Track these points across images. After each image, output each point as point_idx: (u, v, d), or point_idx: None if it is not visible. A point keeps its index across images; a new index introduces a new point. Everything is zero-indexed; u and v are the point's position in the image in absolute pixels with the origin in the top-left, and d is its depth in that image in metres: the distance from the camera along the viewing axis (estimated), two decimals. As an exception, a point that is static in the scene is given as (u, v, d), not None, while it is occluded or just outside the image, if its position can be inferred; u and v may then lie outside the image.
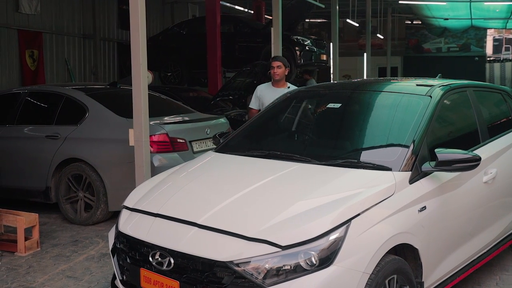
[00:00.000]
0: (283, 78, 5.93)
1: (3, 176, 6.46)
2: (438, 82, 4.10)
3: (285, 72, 5.90)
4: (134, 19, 5.11)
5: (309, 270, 2.64)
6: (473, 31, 26.92)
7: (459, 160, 3.26)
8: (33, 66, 13.36)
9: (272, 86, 5.99)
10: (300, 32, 22.51)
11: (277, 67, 5.87)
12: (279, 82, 5.92)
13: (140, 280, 3.07)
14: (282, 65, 5.88)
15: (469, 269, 3.84)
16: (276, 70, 5.87)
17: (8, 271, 4.66)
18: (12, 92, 7.23)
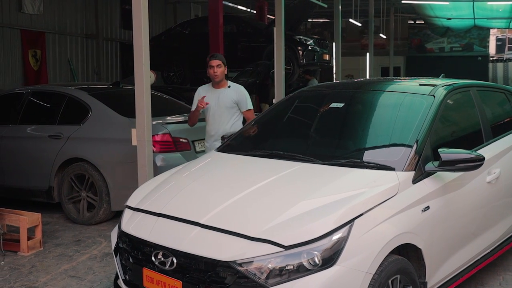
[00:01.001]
0: (223, 78, 5.38)
1: (6, 175, 6.47)
2: (441, 82, 4.09)
3: (224, 72, 5.38)
4: (137, 19, 5.11)
5: (312, 270, 2.64)
6: (476, 30, 26.86)
7: (462, 160, 3.25)
8: (36, 66, 13.38)
9: (212, 87, 5.43)
10: (302, 32, 22.52)
11: (216, 66, 5.29)
12: (220, 83, 5.37)
13: (143, 279, 3.06)
14: (222, 64, 5.33)
15: (472, 269, 3.83)
16: (216, 70, 5.29)
17: (11, 271, 4.67)
18: (15, 92, 7.25)
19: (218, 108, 5.32)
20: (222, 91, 5.34)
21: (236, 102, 5.35)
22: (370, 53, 20.06)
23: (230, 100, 5.32)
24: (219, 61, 5.31)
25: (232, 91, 5.38)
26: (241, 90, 5.42)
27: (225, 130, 5.23)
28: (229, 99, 5.32)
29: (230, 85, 5.42)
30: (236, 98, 5.34)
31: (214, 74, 5.29)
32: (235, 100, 5.34)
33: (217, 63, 5.29)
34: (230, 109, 5.34)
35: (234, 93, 5.36)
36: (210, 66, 5.29)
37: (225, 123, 5.32)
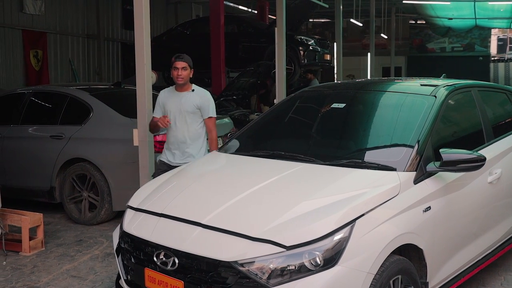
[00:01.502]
0: (187, 81, 4.87)
1: (8, 176, 6.48)
2: (443, 82, 4.09)
3: (190, 75, 4.86)
4: (138, 19, 5.12)
5: (313, 270, 2.64)
6: (477, 30, 26.85)
7: (464, 160, 3.25)
8: (37, 66, 13.40)
9: (176, 90, 4.91)
10: (303, 32, 22.52)
11: (181, 68, 4.76)
12: (183, 86, 4.86)
13: (145, 280, 3.07)
14: (188, 66, 4.81)
15: (473, 269, 3.83)
16: (181, 73, 4.76)
17: (13, 271, 4.68)
18: (17, 92, 7.25)
19: (180, 113, 4.83)
20: (185, 95, 4.85)
21: (199, 108, 4.85)
22: (371, 53, 20.07)
23: (192, 105, 4.82)
24: (185, 63, 4.80)
25: (195, 95, 4.88)
26: (206, 95, 4.93)
27: (185, 137, 4.83)
28: (191, 103, 4.82)
29: (194, 88, 4.92)
30: (199, 103, 4.84)
31: (178, 76, 4.77)
32: (198, 105, 4.84)
33: (182, 65, 4.77)
34: (193, 115, 4.85)
35: (198, 98, 4.86)
36: (175, 68, 4.77)
37: (186, 129, 4.83)
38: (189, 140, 4.84)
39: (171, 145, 4.88)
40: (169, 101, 4.87)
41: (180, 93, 4.87)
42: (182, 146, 4.83)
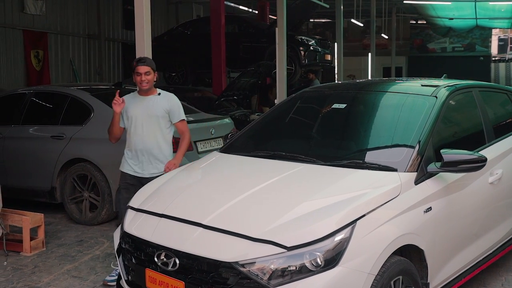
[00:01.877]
0: (152, 86, 4.49)
1: (9, 176, 6.48)
2: (444, 83, 4.09)
3: (154, 79, 4.50)
4: (139, 19, 5.13)
5: (314, 271, 2.64)
6: (478, 30, 26.86)
7: (464, 161, 3.25)
8: (38, 66, 13.41)
9: (139, 95, 4.53)
10: (304, 32, 22.51)
11: (144, 73, 4.37)
12: (148, 91, 4.48)
13: (146, 280, 3.07)
14: (151, 70, 4.43)
15: (474, 270, 3.83)
16: (144, 78, 4.38)
17: (13, 271, 4.68)
18: (18, 92, 7.25)
19: (147, 118, 4.45)
20: (152, 99, 4.50)
21: (168, 112, 4.52)
22: (372, 53, 20.08)
23: (162, 109, 4.48)
24: (148, 67, 4.40)
25: (163, 99, 4.54)
26: (174, 98, 4.61)
27: (157, 143, 4.48)
28: (160, 107, 4.48)
29: (160, 92, 4.58)
30: (167, 107, 4.51)
31: (142, 82, 4.39)
32: (167, 109, 4.51)
33: (145, 70, 4.38)
34: (161, 120, 4.49)
35: (166, 102, 4.53)
36: (137, 73, 4.39)
37: (152, 135, 4.47)
38: (161, 146, 4.50)
39: (138, 153, 4.46)
40: (133, 106, 4.48)
41: (146, 98, 4.49)
42: (152, 153, 4.46)
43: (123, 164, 4.56)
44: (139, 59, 4.50)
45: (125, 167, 4.53)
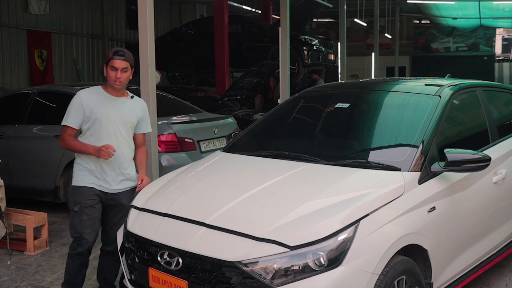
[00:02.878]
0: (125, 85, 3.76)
1: (13, 175, 6.50)
2: (447, 82, 4.08)
3: (130, 77, 3.72)
4: (143, 19, 5.13)
5: (317, 271, 2.64)
6: (482, 30, 26.75)
7: (468, 161, 3.24)
8: (42, 66, 13.43)
9: (108, 94, 3.74)
10: (307, 31, 22.46)
11: (121, 70, 3.62)
12: (120, 90, 3.75)
13: (149, 279, 3.07)
14: (129, 67, 3.66)
15: (478, 270, 3.82)
16: (120, 75, 3.61)
17: (17, 270, 4.69)
18: (21, 92, 7.28)
19: (123, 125, 3.74)
20: (125, 102, 3.77)
21: (139, 120, 3.84)
22: (375, 53, 20.02)
23: (135, 116, 3.80)
24: (126, 62, 3.63)
25: (137, 104, 3.85)
26: (145, 105, 3.98)
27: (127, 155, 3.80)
28: (133, 114, 3.79)
29: (132, 95, 3.86)
30: (140, 114, 3.85)
31: (116, 80, 3.62)
32: (139, 116, 3.84)
33: (123, 66, 3.61)
34: (130, 128, 3.80)
35: (140, 108, 3.86)
36: (112, 68, 3.61)
37: (128, 145, 3.80)
38: (129, 158, 3.82)
39: (105, 166, 3.68)
40: (102, 106, 3.67)
41: (117, 99, 3.74)
42: (121, 166, 3.74)
43: (83, 178, 3.68)
44: (117, 50, 3.65)
45: (87, 181, 3.68)
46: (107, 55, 3.66)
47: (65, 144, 3.73)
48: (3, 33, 12.40)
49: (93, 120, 3.67)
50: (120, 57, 3.61)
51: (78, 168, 3.73)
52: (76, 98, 3.71)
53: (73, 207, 3.71)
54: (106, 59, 3.66)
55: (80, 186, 3.68)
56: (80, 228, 3.65)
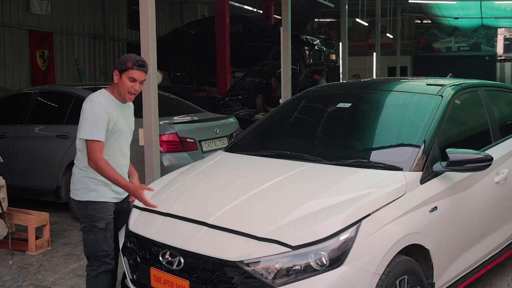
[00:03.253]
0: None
1: (14, 175, 6.50)
2: (449, 82, 4.08)
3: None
4: (144, 19, 5.13)
5: (319, 270, 2.64)
6: (484, 30, 26.72)
7: (470, 160, 3.24)
8: (44, 66, 13.45)
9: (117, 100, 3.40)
10: (309, 31, 22.47)
11: (140, 82, 3.34)
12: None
13: (150, 279, 3.07)
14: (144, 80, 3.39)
15: (480, 270, 3.82)
16: (138, 88, 3.34)
17: (19, 270, 4.70)
18: (23, 92, 7.29)
19: (129, 132, 3.54)
20: (129, 108, 3.55)
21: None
22: (377, 52, 20.01)
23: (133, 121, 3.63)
24: (146, 75, 3.38)
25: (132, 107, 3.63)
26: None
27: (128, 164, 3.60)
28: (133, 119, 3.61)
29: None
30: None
31: (133, 91, 3.35)
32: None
33: (143, 78, 3.34)
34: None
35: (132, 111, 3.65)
36: (131, 78, 3.30)
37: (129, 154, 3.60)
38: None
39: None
40: (117, 114, 3.37)
41: (124, 105, 3.47)
42: (124, 173, 3.54)
43: (102, 192, 3.39)
44: (138, 60, 3.33)
45: (106, 195, 3.41)
46: (125, 63, 3.30)
47: (101, 168, 3.25)
48: (5, 33, 12.42)
49: (116, 132, 3.36)
50: (141, 69, 3.33)
51: (92, 182, 3.36)
52: (99, 107, 3.27)
53: (96, 223, 3.34)
54: (123, 67, 3.30)
55: (101, 201, 3.38)
56: (106, 246, 3.38)
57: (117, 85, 3.35)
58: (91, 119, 3.26)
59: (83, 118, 3.29)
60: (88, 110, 3.29)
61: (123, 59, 3.35)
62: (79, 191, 3.39)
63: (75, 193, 3.42)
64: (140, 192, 3.30)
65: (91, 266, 3.42)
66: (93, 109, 3.27)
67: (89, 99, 3.35)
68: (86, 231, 3.38)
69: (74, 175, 3.43)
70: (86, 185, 3.37)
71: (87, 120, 3.27)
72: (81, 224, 3.43)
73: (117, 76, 3.33)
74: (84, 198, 3.37)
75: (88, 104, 3.31)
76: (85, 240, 3.41)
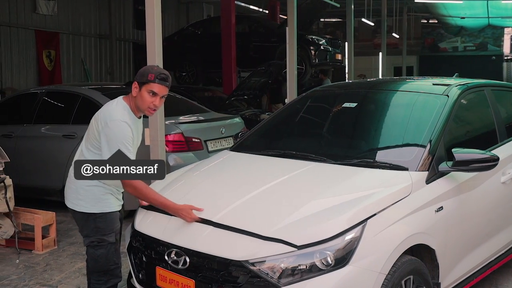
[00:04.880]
0: None
1: (21, 175, 6.53)
2: (455, 82, 4.06)
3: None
4: (150, 19, 5.14)
5: (324, 270, 2.63)
6: (490, 29, 26.61)
7: (476, 160, 3.23)
8: (50, 66, 13.51)
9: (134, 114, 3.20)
10: (315, 31, 22.45)
11: (161, 98, 3.15)
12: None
13: (156, 278, 3.08)
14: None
15: (486, 270, 3.80)
16: (159, 103, 3.15)
17: (25, 269, 4.72)
18: (30, 92, 7.32)
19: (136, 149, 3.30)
20: (140, 124, 3.34)
21: None
22: (382, 52, 19.98)
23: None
24: (167, 90, 3.19)
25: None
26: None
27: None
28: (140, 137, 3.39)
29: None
30: None
31: (153, 107, 3.14)
32: None
33: (164, 93, 3.15)
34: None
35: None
36: (151, 92, 3.09)
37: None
38: None
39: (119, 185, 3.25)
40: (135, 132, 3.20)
41: (138, 121, 3.28)
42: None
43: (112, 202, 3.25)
44: (160, 73, 3.10)
45: (114, 204, 3.28)
46: (147, 75, 3.08)
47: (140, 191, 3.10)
48: (11, 34, 12.48)
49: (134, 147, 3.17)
50: (163, 83, 3.10)
51: (99, 191, 3.16)
52: (128, 129, 3.06)
53: (106, 237, 3.19)
54: (143, 79, 3.08)
55: (109, 212, 3.21)
56: (116, 258, 3.25)
57: (135, 98, 3.12)
58: (120, 142, 3.01)
59: (110, 139, 3.02)
60: (115, 131, 3.02)
61: (144, 70, 3.11)
62: (83, 202, 3.14)
63: (77, 204, 3.15)
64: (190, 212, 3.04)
65: (99, 280, 3.24)
66: (122, 130, 3.02)
67: (113, 117, 3.05)
68: (94, 246, 3.18)
69: (76, 183, 3.14)
70: (93, 195, 3.14)
71: (115, 142, 3.01)
72: (87, 238, 3.18)
73: (136, 88, 3.11)
74: (92, 210, 3.15)
75: (115, 124, 3.03)
76: (93, 255, 3.19)
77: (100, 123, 3.10)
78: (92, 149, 3.17)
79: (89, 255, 3.26)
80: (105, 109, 3.18)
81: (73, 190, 3.20)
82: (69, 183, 3.25)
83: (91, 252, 3.23)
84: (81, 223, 3.24)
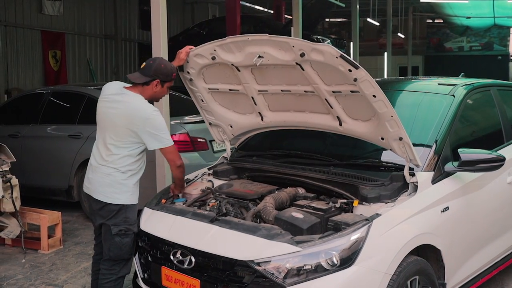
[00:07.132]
0: None
1: (27, 175, 6.56)
2: (461, 81, 4.05)
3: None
4: (155, 20, 5.15)
5: (330, 270, 2.63)
6: (496, 29, 26.50)
7: (482, 160, 3.22)
8: (56, 66, 13.55)
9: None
10: (320, 31, 22.43)
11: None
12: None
13: (161, 278, 3.09)
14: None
15: (492, 270, 3.79)
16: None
17: (31, 268, 4.74)
18: (36, 92, 7.35)
19: None
20: None
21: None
22: (388, 52, 19.94)
23: None
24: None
25: None
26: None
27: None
28: None
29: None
30: None
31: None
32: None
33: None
34: None
35: None
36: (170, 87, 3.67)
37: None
38: None
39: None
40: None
41: None
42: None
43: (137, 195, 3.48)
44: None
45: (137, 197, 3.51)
46: (171, 75, 3.56)
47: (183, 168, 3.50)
48: (17, 34, 12.53)
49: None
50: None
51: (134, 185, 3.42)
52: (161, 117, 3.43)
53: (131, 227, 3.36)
54: (168, 78, 3.52)
55: (135, 203, 3.45)
56: (132, 249, 3.41)
57: (154, 92, 3.47)
58: (165, 128, 3.39)
59: (158, 128, 3.33)
60: (159, 120, 3.35)
61: (168, 71, 3.50)
62: (118, 195, 3.34)
63: (112, 197, 3.34)
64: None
65: (112, 270, 3.38)
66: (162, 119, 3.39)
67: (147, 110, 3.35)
68: (121, 234, 3.33)
69: (110, 177, 3.35)
70: (128, 188, 3.37)
71: (163, 129, 3.35)
72: (115, 226, 3.32)
73: (158, 85, 3.46)
74: (127, 201, 3.36)
75: (156, 114, 3.36)
76: (119, 243, 3.34)
77: (135, 121, 3.32)
78: (122, 145, 3.35)
79: (115, 244, 3.35)
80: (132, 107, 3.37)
81: (107, 184, 3.36)
82: (100, 178, 3.39)
83: (118, 240, 3.34)
84: (111, 214, 3.37)
